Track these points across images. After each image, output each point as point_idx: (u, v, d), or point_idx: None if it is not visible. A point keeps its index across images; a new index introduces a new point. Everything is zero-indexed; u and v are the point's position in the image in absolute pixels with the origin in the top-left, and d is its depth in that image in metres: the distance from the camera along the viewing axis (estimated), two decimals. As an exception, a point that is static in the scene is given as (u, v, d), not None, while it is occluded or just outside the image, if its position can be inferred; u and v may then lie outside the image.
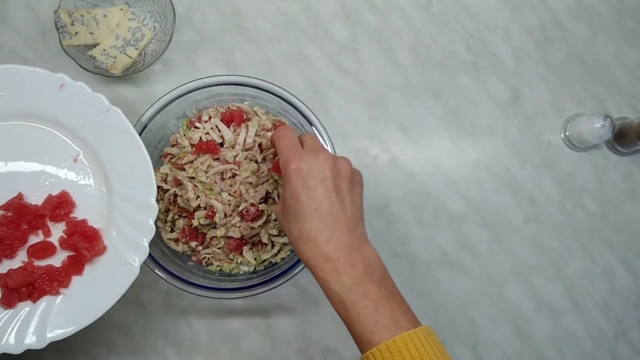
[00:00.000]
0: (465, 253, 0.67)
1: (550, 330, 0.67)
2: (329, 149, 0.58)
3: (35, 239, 0.50)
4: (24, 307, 0.48)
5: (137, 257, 0.49)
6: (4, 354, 0.47)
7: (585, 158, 0.71)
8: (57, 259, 0.50)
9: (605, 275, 0.69)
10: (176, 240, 0.59)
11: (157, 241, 0.58)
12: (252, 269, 0.60)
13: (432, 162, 0.69)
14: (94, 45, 0.63)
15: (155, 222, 0.59)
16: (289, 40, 0.68)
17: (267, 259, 0.59)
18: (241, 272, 0.60)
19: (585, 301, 0.68)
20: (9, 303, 0.47)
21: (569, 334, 0.67)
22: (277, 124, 0.60)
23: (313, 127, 0.58)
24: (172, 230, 0.59)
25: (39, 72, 0.49)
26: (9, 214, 0.49)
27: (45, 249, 0.49)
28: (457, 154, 0.69)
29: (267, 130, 0.60)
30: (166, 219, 0.59)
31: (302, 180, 0.43)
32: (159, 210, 0.59)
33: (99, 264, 0.49)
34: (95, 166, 0.51)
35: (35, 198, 0.50)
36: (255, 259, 0.59)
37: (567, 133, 0.70)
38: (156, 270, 0.55)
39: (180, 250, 0.59)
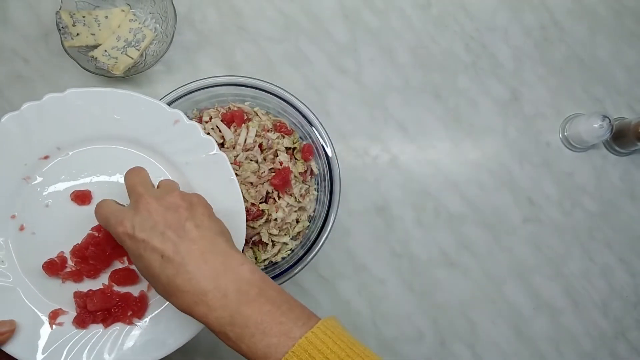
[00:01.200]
0: (464, 253, 0.67)
1: (550, 330, 0.67)
2: (329, 150, 0.58)
3: (119, 264, 0.49)
4: (95, 330, 0.47)
5: None
6: None
7: (584, 158, 0.71)
8: (136, 289, 0.49)
9: (604, 275, 0.69)
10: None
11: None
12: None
13: (431, 162, 0.69)
14: (96, 46, 0.63)
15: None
16: (289, 41, 0.69)
17: (267, 259, 0.59)
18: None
19: (584, 301, 0.68)
20: (82, 323, 0.47)
21: (568, 333, 0.67)
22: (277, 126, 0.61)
23: (313, 127, 0.58)
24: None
25: (157, 104, 0.49)
26: (99, 235, 0.48)
27: (128, 277, 0.48)
28: (456, 154, 0.69)
29: (268, 131, 0.60)
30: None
31: (134, 240, 0.40)
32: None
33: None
34: None
35: None
36: (255, 258, 0.59)
37: (566, 133, 0.70)
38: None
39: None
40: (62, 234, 0.48)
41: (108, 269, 0.49)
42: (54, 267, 0.47)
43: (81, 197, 0.48)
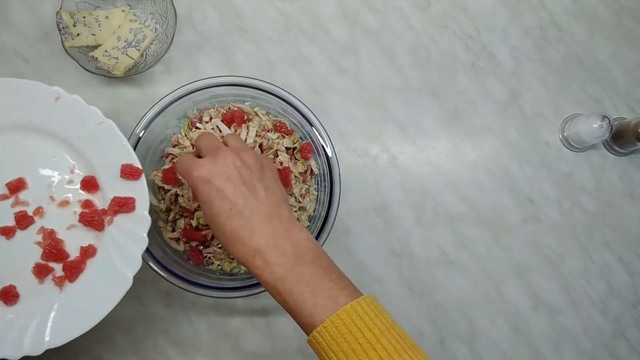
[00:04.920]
0: (464, 252, 0.68)
1: (549, 329, 0.67)
2: (329, 150, 0.58)
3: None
4: (21, 315, 0.48)
5: (130, 268, 0.49)
6: None
7: (583, 158, 0.71)
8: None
9: (603, 275, 0.69)
10: (177, 240, 0.60)
11: (158, 240, 0.59)
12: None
13: (431, 162, 0.69)
14: (96, 47, 0.64)
15: (157, 221, 0.60)
16: (288, 41, 0.69)
17: (267, 258, 0.59)
18: (242, 272, 0.61)
19: (583, 300, 0.68)
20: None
21: (567, 332, 0.68)
22: (277, 123, 0.61)
23: (313, 127, 0.58)
24: (173, 230, 0.60)
25: (35, 84, 0.50)
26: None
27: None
28: (455, 154, 0.70)
29: (268, 131, 0.60)
30: (167, 219, 0.60)
31: (208, 186, 0.43)
32: (161, 210, 0.60)
33: (93, 275, 0.50)
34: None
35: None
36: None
37: (565, 133, 0.70)
38: (157, 269, 0.55)
39: (182, 249, 0.60)
40: None
41: None
42: None
43: None
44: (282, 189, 0.47)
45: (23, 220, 0.50)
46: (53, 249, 0.50)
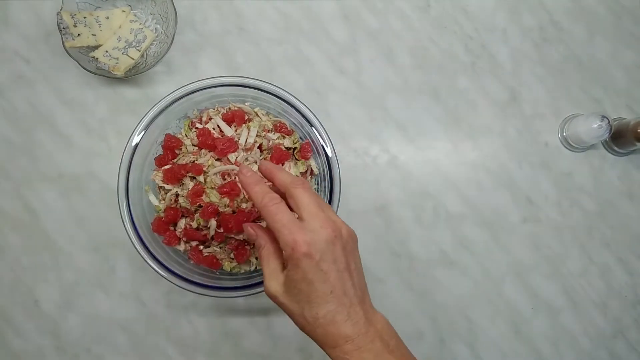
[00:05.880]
0: (463, 252, 0.68)
1: (548, 329, 0.68)
2: (329, 151, 0.58)
3: None
4: None
5: None
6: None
7: (583, 158, 0.71)
8: None
9: (602, 274, 0.69)
10: (178, 240, 0.60)
11: (159, 240, 0.59)
12: (252, 268, 0.60)
13: (431, 162, 0.69)
14: (97, 47, 0.64)
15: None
16: (289, 42, 0.69)
17: (267, 258, 0.59)
18: (242, 271, 0.61)
19: (582, 300, 0.69)
20: None
21: (566, 332, 0.68)
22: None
23: (313, 128, 0.59)
24: (173, 230, 0.60)
25: None
26: None
27: None
28: (455, 154, 0.70)
29: (268, 131, 0.60)
30: (168, 219, 0.60)
31: (314, 265, 0.41)
32: (161, 209, 0.60)
33: None
34: None
35: None
36: (256, 258, 0.59)
37: (565, 133, 0.71)
38: (158, 269, 0.55)
39: (182, 249, 0.60)
40: None
41: None
42: None
43: None
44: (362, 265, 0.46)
45: None
46: None
